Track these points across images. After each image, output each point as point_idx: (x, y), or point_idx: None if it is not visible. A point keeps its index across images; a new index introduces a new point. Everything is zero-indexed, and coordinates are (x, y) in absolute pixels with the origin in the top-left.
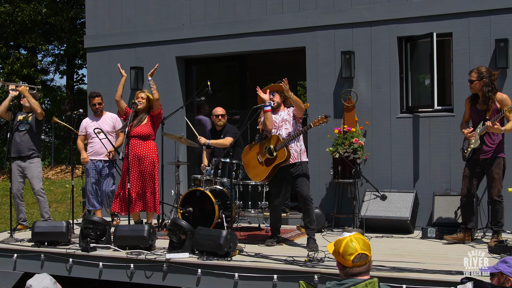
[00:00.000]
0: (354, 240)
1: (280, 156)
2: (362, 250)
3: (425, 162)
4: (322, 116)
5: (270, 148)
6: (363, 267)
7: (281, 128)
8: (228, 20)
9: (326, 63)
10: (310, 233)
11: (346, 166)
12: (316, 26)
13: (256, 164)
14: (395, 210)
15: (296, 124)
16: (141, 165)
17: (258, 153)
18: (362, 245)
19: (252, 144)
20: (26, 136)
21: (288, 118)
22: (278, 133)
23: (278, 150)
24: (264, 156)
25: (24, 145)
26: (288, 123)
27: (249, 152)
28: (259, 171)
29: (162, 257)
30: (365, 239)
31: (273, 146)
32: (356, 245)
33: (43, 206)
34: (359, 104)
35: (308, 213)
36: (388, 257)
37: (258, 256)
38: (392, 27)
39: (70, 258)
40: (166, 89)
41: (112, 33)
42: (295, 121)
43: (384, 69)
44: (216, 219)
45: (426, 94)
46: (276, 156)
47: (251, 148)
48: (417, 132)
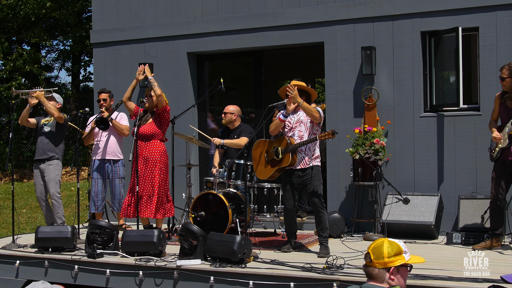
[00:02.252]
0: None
1: (285, 161)
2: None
3: (450, 164)
4: (330, 132)
5: (277, 150)
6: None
7: (295, 129)
8: (243, 14)
9: (346, 59)
10: (322, 240)
11: (366, 168)
12: (335, 20)
13: (263, 161)
14: (418, 215)
15: (313, 128)
16: (147, 166)
17: (267, 151)
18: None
19: (265, 140)
20: (46, 139)
21: (304, 120)
22: (291, 135)
23: (284, 154)
24: (271, 156)
25: (44, 148)
26: (303, 125)
27: (259, 147)
28: (263, 170)
29: (173, 264)
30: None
31: (280, 148)
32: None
33: (57, 211)
34: (381, 102)
35: (320, 220)
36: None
37: (274, 262)
38: (415, 21)
39: (75, 265)
40: (176, 87)
41: (120, 27)
42: (312, 124)
43: (407, 65)
44: (230, 224)
45: (451, 92)
46: (282, 159)
47: (262, 144)
48: (441, 132)
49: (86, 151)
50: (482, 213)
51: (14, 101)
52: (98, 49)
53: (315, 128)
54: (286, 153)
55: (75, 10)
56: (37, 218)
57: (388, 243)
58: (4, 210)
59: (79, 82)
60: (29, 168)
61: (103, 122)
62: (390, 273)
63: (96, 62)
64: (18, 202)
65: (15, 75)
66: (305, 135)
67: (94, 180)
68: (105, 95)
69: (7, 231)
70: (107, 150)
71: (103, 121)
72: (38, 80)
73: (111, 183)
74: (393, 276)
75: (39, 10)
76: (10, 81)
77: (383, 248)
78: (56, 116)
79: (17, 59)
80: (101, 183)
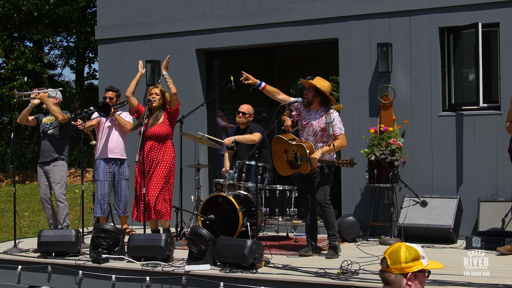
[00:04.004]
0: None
1: (303, 169)
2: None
3: (469, 165)
4: (349, 161)
5: (297, 155)
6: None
7: (303, 130)
8: (253, 9)
9: (361, 56)
10: (329, 239)
11: (382, 169)
12: (350, 16)
13: (282, 157)
14: (436, 218)
15: (323, 136)
16: (157, 168)
17: (287, 150)
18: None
19: (285, 136)
20: (51, 142)
21: (314, 124)
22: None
23: (302, 162)
24: (290, 158)
25: (48, 150)
26: (311, 128)
27: (279, 143)
28: (283, 167)
29: (181, 269)
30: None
31: (299, 155)
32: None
33: (62, 213)
34: (397, 101)
35: (326, 217)
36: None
37: (286, 268)
38: (434, 16)
39: (80, 270)
40: (185, 85)
41: (126, 23)
42: (323, 133)
43: (425, 62)
44: (240, 228)
45: (471, 90)
46: (300, 165)
47: (282, 141)
48: (460, 132)
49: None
50: (503, 216)
51: (16, 100)
52: (103, 45)
53: (325, 137)
54: (305, 162)
55: (79, 6)
56: (40, 222)
57: (406, 248)
58: (5, 213)
59: (83, 80)
60: (32, 170)
61: (105, 108)
62: (408, 279)
63: (101, 59)
64: (20, 205)
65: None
66: (312, 140)
67: (100, 182)
68: (112, 94)
69: (8, 235)
70: (112, 148)
71: (105, 107)
72: (41, 79)
73: (116, 185)
74: (410, 282)
75: (43, 6)
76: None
77: (400, 253)
78: (60, 119)
79: (19, 57)
80: (107, 185)
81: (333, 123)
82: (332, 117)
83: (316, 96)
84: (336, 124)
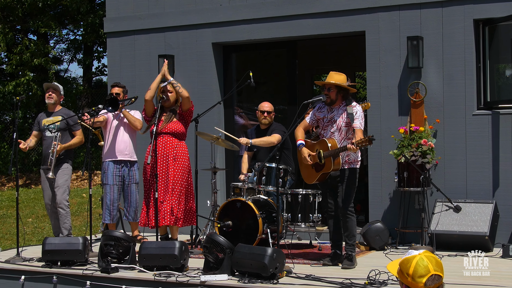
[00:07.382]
0: (425, 258)
1: (327, 166)
2: (435, 271)
3: (506, 167)
4: (366, 138)
5: (320, 154)
6: None
7: (326, 128)
8: (274, 0)
9: (390, 50)
10: (348, 249)
11: (413, 172)
12: (378, 7)
13: (308, 164)
14: (471, 224)
15: (348, 132)
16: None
17: (310, 153)
18: (435, 265)
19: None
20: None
21: (338, 121)
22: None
23: (325, 158)
24: (315, 159)
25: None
26: (335, 125)
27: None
28: (310, 173)
29: (196, 279)
30: (437, 258)
31: (322, 152)
32: (428, 265)
33: (64, 221)
34: (429, 98)
35: (347, 225)
36: (462, 279)
37: (310, 278)
38: (468, 7)
39: (87, 280)
40: (200, 81)
41: (137, 15)
42: (347, 128)
43: (458, 57)
44: (260, 235)
45: (508, 87)
46: (324, 164)
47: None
48: (497, 132)
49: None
50: None
51: (18, 97)
52: (112, 39)
53: (350, 133)
54: (327, 158)
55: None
56: (45, 228)
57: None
58: (8, 219)
59: (91, 76)
60: (36, 173)
61: (112, 102)
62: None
63: (110, 54)
64: (24, 211)
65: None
66: (337, 138)
67: (109, 186)
68: (119, 90)
69: (11, 243)
70: (121, 149)
71: (113, 101)
72: (47, 75)
73: (126, 189)
74: None
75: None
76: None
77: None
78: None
79: (23, 52)
80: (116, 190)
81: (356, 116)
82: (354, 110)
83: (339, 93)
84: (358, 118)
